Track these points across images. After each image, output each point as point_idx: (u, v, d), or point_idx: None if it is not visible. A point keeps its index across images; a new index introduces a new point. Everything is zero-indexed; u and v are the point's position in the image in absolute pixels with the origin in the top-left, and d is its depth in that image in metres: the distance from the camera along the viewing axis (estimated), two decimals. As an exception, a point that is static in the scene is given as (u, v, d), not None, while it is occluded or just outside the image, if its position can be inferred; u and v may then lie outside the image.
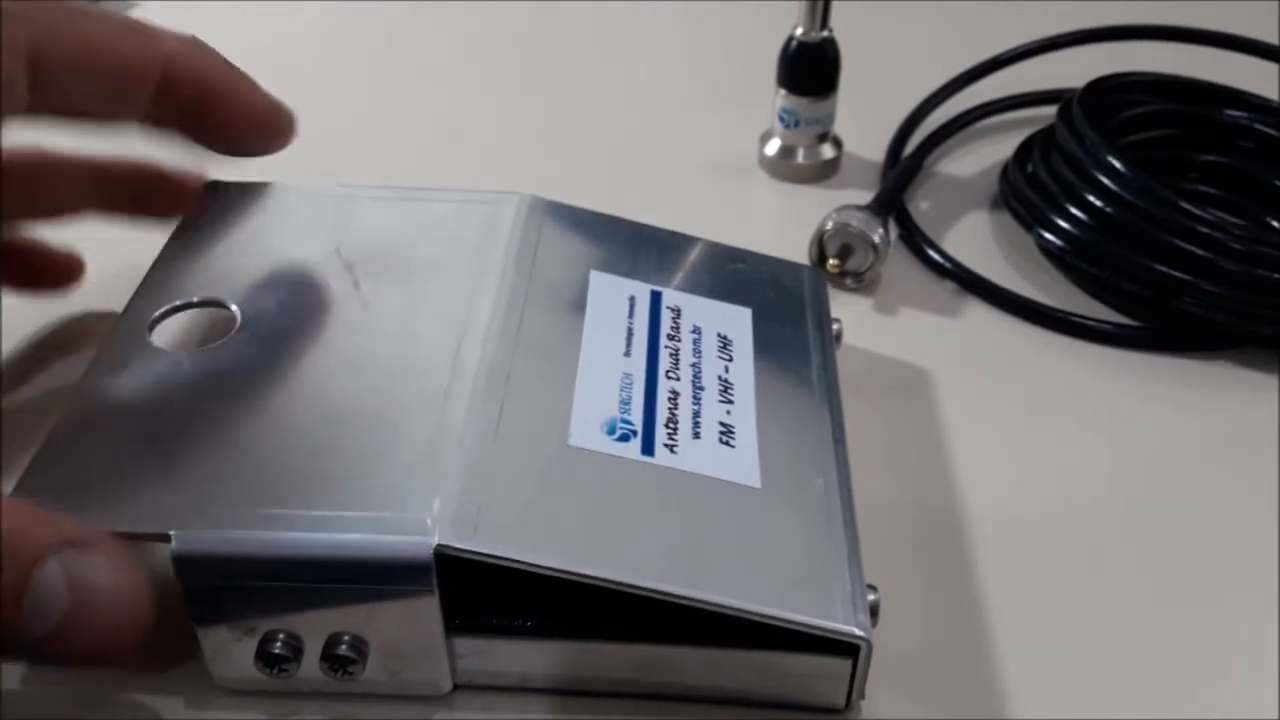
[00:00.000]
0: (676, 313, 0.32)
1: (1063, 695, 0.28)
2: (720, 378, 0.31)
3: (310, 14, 0.57)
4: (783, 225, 0.43)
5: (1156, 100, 0.45)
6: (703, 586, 0.25)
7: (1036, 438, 0.34)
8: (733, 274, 0.35)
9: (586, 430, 0.28)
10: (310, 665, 0.26)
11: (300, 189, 0.35)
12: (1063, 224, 0.39)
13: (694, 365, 0.31)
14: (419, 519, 0.25)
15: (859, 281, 0.40)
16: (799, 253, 0.40)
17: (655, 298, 0.33)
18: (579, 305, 0.32)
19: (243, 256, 0.32)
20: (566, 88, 0.52)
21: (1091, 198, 0.39)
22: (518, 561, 0.25)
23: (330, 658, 0.26)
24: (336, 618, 0.25)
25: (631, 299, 0.33)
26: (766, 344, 0.32)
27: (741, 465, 0.28)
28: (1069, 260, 0.40)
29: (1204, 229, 0.37)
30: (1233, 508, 0.32)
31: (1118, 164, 0.39)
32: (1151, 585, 0.30)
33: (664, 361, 0.31)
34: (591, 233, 0.35)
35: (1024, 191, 0.42)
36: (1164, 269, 0.37)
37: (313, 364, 0.29)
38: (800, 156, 0.46)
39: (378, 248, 0.33)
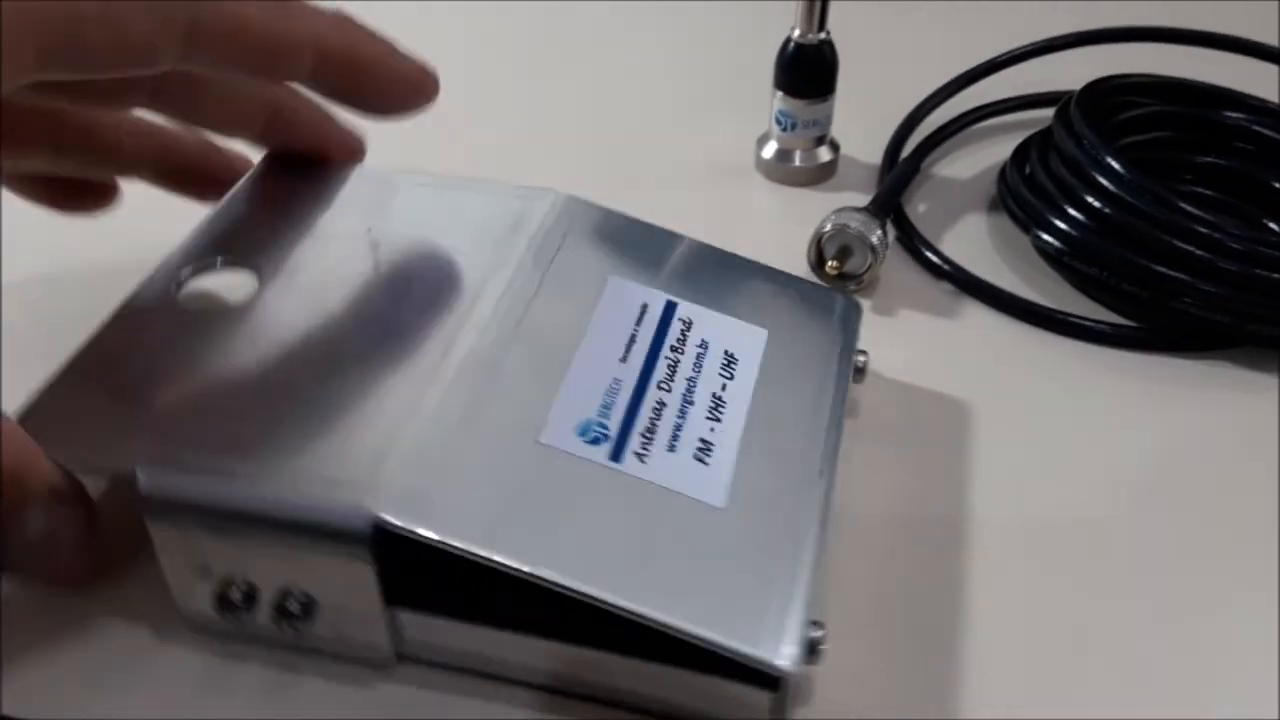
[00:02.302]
0: (687, 325, 0.32)
1: (1062, 694, 0.28)
2: (714, 395, 0.30)
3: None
4: (780, 228, 0.43)
5: (1154, 102, 0.45)
6: (629, 595, 0.25)
7: (1034, 438, 0.34)
8: (761, 293, 0.34)
9: (559, 429, 0.28)
10: (265, 615, 0.27)
11: (350, 170, 0.36)
12: (1060, 225, 0.39)
13: (690, 379, 0.30)
14: (364, 490, 0.25)
15: (857, 283, 0.40)
16: (797, 255, 0.40)
17: (670, 308, 0.32)
18: (589, 306, 0.32)
19: (277, 227, 0.34)
20: (562, 91, 0.52)
21: (1089, 198, 0.39)
22: (449, 545, 0.25)
23: (280, 609, 0.27)
24: (285, 571, 0.26)
25: (644, 306, 0.32)
26: (775, 367, 0.32)
27: (710, 483, 0.28)
28: (1066, 261, 0.40)
29: (1202, 229, 0.37)
30: (1231, 508, 0.32)
31: (1116, 165, 0.39)
32: (1150, 585, 0.30)
33: (659, 372, 0.30)
34: (622, 237, 0.35)
35: (1021, 193, 0.42)
36: (1162, 269, 0.37)
37: (313, 334, 0.30)
38: (797, 159, 0.46)
39: (407, 231, 0.34)
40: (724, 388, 0.31)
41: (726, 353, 0.32)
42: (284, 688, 0.28)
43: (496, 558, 0.25)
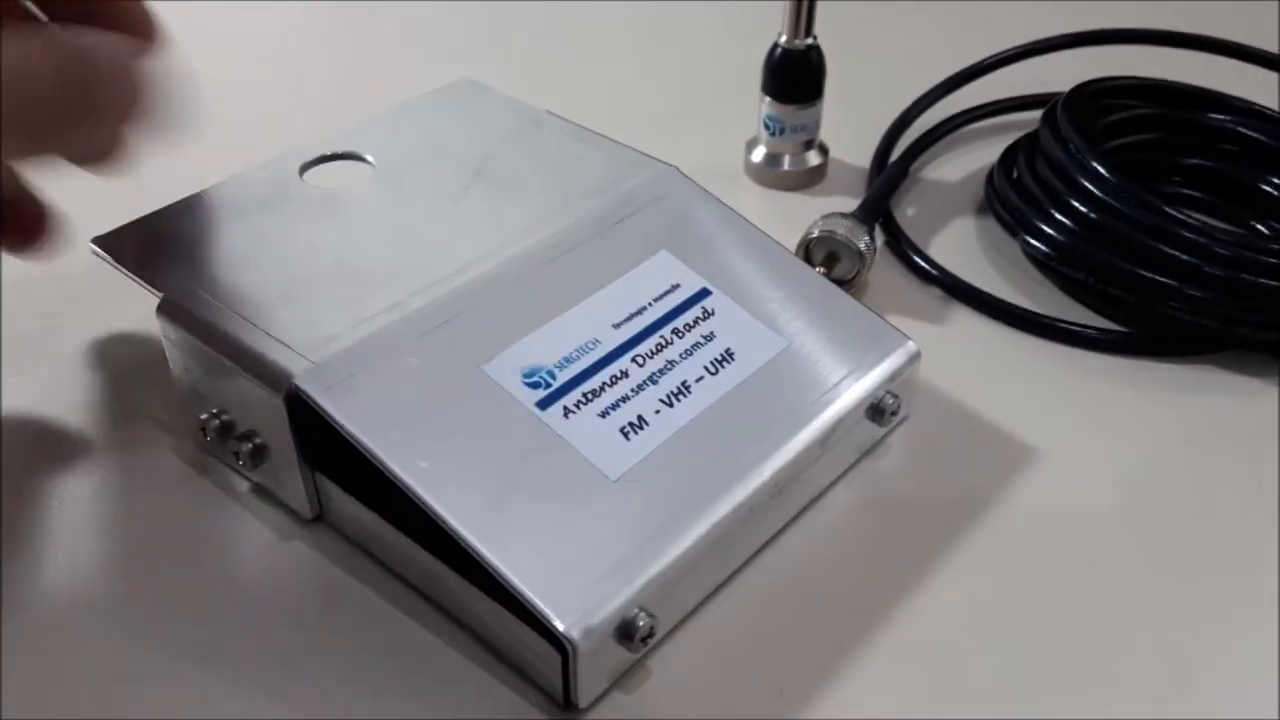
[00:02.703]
0: (706, 314, 0.32)
1: (1053, 698, 0.28)
2: (684, 383, 0.31)
3: (301, 12, 0.57)
4: (770, 233, 0.43)
5: (1141, 104, 0.45)
6: (463, 518, 0.26)
7: (1022, 443, 0.34)
8: (813, 314, 0.33)
9: (506, 366, 0.30)
10: (231, 448, 0.31)
11: (511, 102, 0.41)
12: (1047, 230, 0.39)
13: (670, 362, 0.31)
14: (299, 356, 0.29)
15: (846, 288, 0.40)
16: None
17: (700, 294, 0.33)
18: (623, 269, 0.33)
19: (415, 138, 0.39)
20: (551, 96, 0.52)
21: (1076, 203, 0.39)
22: (335, 421, 0.28)
23: (239, 439, 0.31)
24: (239, 409, 0.31)
25: (675, 286, 0.33)
26: (770, 378, 0.31)
27: (616, 457, 0.29)
28: (1054, 266, 0.40)
29: (1188, 234, 0.37)
30: (1221, 510, 0.33)
31: (1102, 170, 0.39)
32: (1142, 588, 0.30)
33: (645, 346, 0.31)
34: (709, 223, 0.35)
35: (1009, 197, 0.42)
36: (1148, 274, 0.37)
37: (367, 229, 0.34)
38: (786, 163, 0.46)
39: (513, 164, 0.37)
40: (699, 380, 0.31)
41: (727, 350, 0.32)
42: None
43: (368, 444, 0.27)
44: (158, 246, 0.33)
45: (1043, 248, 0.40)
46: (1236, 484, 0.33)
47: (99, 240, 0.33)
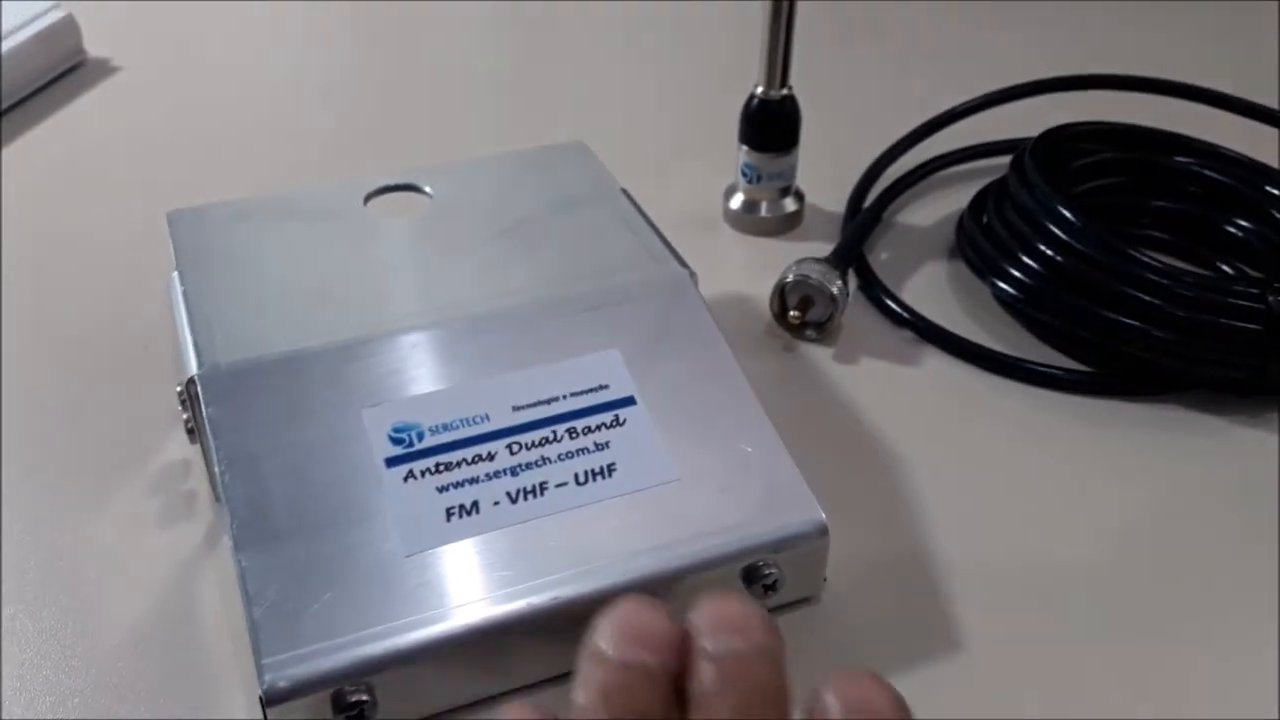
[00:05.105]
0: (615, 423, 0.31)
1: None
2: (542, 484, 0.29)
3: (281, 16, 0.58)
4: (748, 278, 0.44)
5: (1108, 148, 0.46)
6: (246, 534, 0.29)
7: (992, 482, 0.35)
8: (733, 453, 0.31)
9: (386, 415, 0.31)
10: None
11: (597, 174, 0.41)
12: (1016, 273, 0.40)
13: (544, 459, 0.30)
14: (214, 356, 0.32)
15: (820, 332, 0.41)
16: (762, 305, 0.41)
17: (623, 401, 0.31)
18: (563, 355, 0.32)
19: (484, 189, 0.40)
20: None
21: (1043, 247, 0.40)
22: (206, 423, 0.30)
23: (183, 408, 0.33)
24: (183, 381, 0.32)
25: (602, 385, 0.32)
26: (635, 508, 0.29)
27: (423, 534, 0.28)
28: (1022, 309, 0.41)
29: (1152, 276, 0.38)
30: (1184, 544, 0.33)
31: (1068, 214, 0.40)
32: (1110, 622, 0.31)
33: (530, 436, 0.30)
34: (680, 333, 0.34)
35: (979, 242, 0.43)
36: (1114, 316, 0.38)
37: (376, 252, 0.36)
38: (764, 210, 0.47)
39: (546, 230, 0.38)
40: (560, 485, 0.29)
41: (609, 465, 0.30)
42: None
43: (215, 447, 0.30)
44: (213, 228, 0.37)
45: (1011, 291, 0.40)
46: (1198, 518, 0.34)
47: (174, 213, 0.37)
